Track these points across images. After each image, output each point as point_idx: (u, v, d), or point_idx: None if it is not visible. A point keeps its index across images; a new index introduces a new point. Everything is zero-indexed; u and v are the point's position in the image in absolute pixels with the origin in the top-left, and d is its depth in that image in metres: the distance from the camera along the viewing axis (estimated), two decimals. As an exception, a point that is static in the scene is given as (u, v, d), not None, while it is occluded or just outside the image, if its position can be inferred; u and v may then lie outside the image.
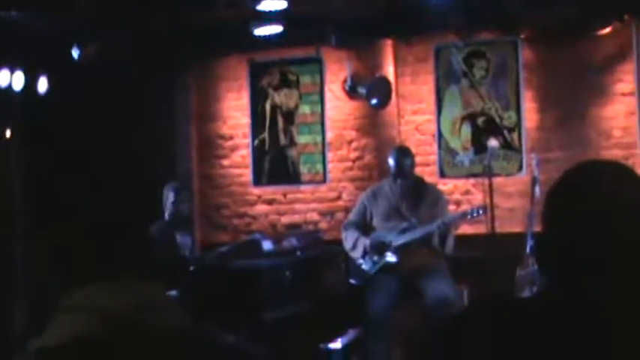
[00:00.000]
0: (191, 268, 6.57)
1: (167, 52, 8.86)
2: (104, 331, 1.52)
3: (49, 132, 7.89)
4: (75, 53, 7.66)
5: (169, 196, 7.17)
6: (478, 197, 8.46)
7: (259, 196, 9.49)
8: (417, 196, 7.08)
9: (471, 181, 8.74)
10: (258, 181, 9.48)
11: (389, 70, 8.84)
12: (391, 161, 7.07)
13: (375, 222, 7.11)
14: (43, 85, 8.06)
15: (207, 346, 1.60)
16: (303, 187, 9.36)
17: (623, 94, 8.38)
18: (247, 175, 9.52)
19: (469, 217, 7.02)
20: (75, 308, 1.56)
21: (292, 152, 9.37)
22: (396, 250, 6.90)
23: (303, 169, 9.34)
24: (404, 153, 7.17)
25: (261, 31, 8.29)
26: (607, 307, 1.61)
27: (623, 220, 1.64)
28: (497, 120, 8.70)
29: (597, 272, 1.64)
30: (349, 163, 9.20)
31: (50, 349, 1.54)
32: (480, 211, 6.99)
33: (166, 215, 7.17)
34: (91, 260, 1.64)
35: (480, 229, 7.85)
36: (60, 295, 1.59)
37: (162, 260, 6.73)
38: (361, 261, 7.05)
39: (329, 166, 9.25)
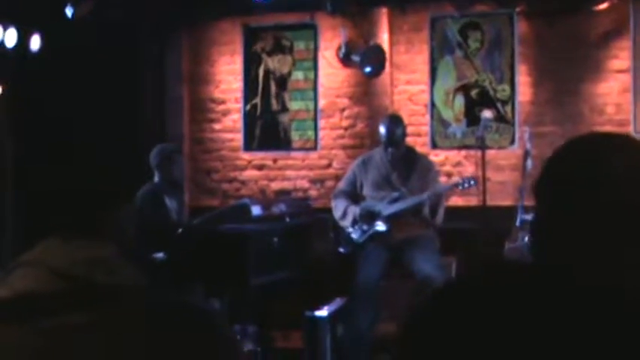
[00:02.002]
0: (179, 231, 6.54)
1: (160, 13, 8.79)
2: (52, 287, 1.53)
3: (40, 90, 7.84)
4: (69, 11, 7.59)
5: (161, 159, 7.06)
6: (469, 169, 8.45)
7: (249, 162, 9.47)
8: (407, 166, 7.05)
9: (463, 152, 8.73)
10: (248, 146, 9.45)
11: (383, 39, 8.79)
12: (382, 129, 7.03)
13: (366, 191, 7.09)
14: (36, 42, 7.99)
15: (155, 303, 1.59)
16: (293, 154, 9.33)
17: (618, 71, 8.37)
18: (238, 139, 9.49)
19: (460, 188, 7.02)
20: (26, 263, 1.57)
21: (284, 118, 9.34)
22: (386, 220, 6.89)
23: (295, 136, 9.31)
24: (395, 121, 7.12)
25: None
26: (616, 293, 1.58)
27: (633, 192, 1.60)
28: (491, 92, 8.68)
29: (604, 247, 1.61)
30: (341, 131, 9.17)
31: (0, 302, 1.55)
32: (471, 182, 6.98)
33: (156, 178, 7.06)
34: (50, 217, 1.64)
35: (471, 201, 7.86)
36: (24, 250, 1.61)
37: (150, 223, 6.71)
38: (350, 230, 7.04)
39: (320, 133, 9.23)
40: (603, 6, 8.12)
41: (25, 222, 1.67)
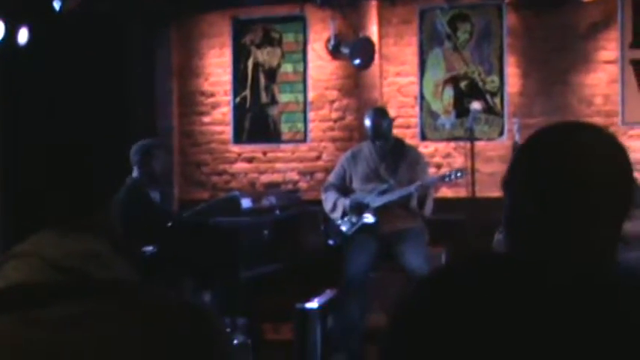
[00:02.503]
0: (169, 225, 6.54)
1: (149, 6, 8.78)
2: (46, 278, 1.53)
3: (28, 84, 7.82)
4: (56, 4, 7.56)
5: (141, 155, 7.09)
6: (459, 161, 8.47)
7: (239, 154, 9.46)
8: (396, 157, 7.05)
9: (452, 144, 8.74)
10: (238, 138, 9.45)
11: (373, 31, 8.79)
12: (368, 123, 7.02)
13: (355, 184, 7.09)
14: (23, 36, 7.96)
15: (148, 297, 1.60)
16: (283, 146, 9.33)
17: (606, 62, 8.39)
18: (228, 132, 9.48)
19: (448, 179, 7.02)
20: (20, 254, 1.57)
21: (273, 111, 9.33)
22: (374, 212, 6.90)
23: (284, 128, 9.31)
24: (380, 114, 7.10)
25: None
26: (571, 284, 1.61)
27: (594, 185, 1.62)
28: (480, 84, 8.69)
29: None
30: (330, 123, 9.17)
31: None
32: (459, 174, 6.98)
33: (134, 173, 7.10)
34: (42, 211, 1.64)
35: (461, 192, 7.87)
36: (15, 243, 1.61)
37: (138, 216, 6.70)
38: (340, 222, 7.04)
39: (310, 125, 9.23)
40: (592, -3, 8.14)
41: (13, 218, 1.67)
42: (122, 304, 1.56)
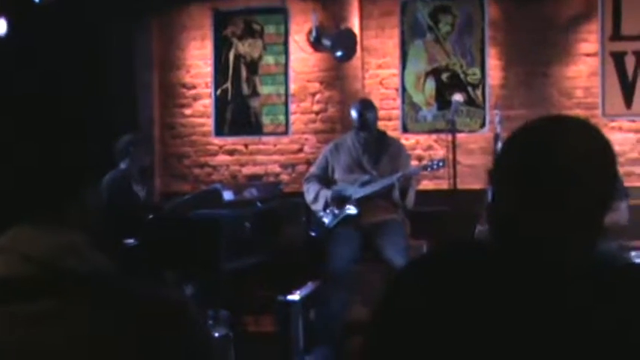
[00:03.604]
0: (150, 217, 6.52)
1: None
2: (23, 272, 1.53)
3: (6, 75, 7.76)
4: (36, -4, 7.52)
5: (133, 147, 7.10)
6: (440, 153, 8.48)
7: (221, 147, 9.44)
8: (379, 149, 7.06)
9: (434, 136, 8.76)
10: (219, 131, 9.43)
11: (354, 23, 8.78)
12: (354, 114, 7.03)
13: (337, 175, 7.10)
14: (2, 27, 7.92)
15: (126, 291, 1.60)
16: (264, 139, 9.32)
17: (587, 55, 8.42)
18: (209, 124, 9.46)
19: (429, 169, 7.03)
20: None
21: (255, 103, 9.32)
22: (357, 203, 6.91)
23: (266, 120, 9.29)
24: (367, 106, 7.12)
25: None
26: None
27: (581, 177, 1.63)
28: (462, 76, 8.70)
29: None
30: (312, 116, 9.17)
31: None
32: (440, 164, 6.99)
33: (122, 164, 7.10)
34: (17, 200, 1.63)
35: (442, 184, 7.88)
36: None
37: (119, 208, 6.69)
38: (322, 214, 7.05)
39: (292, 117, 9.21)
40: (572, -11, 8.17)
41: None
42: (95, 299, 1.55)
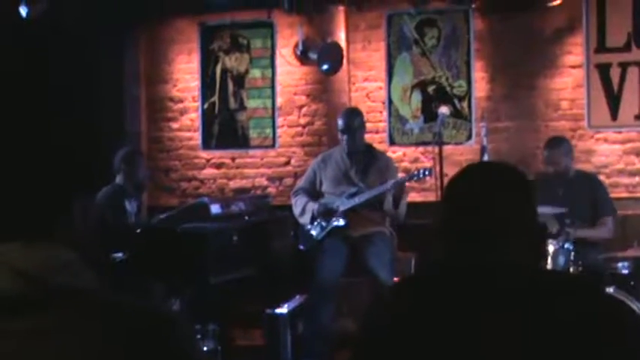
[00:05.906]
0: (138, 231, 6.52)
1: (116, 12, 8.73)
2: (15, 288, 1.53)
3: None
4: (23, 11, 7.52)
5: (126, 163, 7.06)
6: (427, 165, 8.49)
7: (208, 160, 9.45)
8: (366, 162, 7.09)
9: (420, 149, 8.78)
10: (207, 144, 9.43)
11: (340, 36, 8.81)
12: (340, 120, 7.09)
13: (325, 188, 7.11)
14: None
15: (115, 307, 1.61)
16: (252, 152, 9.33)
17: (572, 67, 8.47)
18: (196, 138, 9.47)
19: (415, 178, 7.05)
20: None
21: (242, 116, 9.33)
22: (344, 215, 6.92)
23: (253, 134, 9.31)
24: (353, 112, 7.31)
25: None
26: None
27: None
28: (448, 89, 8.74)
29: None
30: (299, 129, 9.18)
31: None
32: (426, 172, 7.00)
33: (118, 179, 7.06)
34: (8, 219, 1.64)
35: (429, 196, 7.89)
36: None
37: (108, 223, 6.67)
38: (310, 227, 7.06)
39: (279, 131, 9.23)
40: (557, 2, 8.19)
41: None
42: (85, 314, 1.56)
